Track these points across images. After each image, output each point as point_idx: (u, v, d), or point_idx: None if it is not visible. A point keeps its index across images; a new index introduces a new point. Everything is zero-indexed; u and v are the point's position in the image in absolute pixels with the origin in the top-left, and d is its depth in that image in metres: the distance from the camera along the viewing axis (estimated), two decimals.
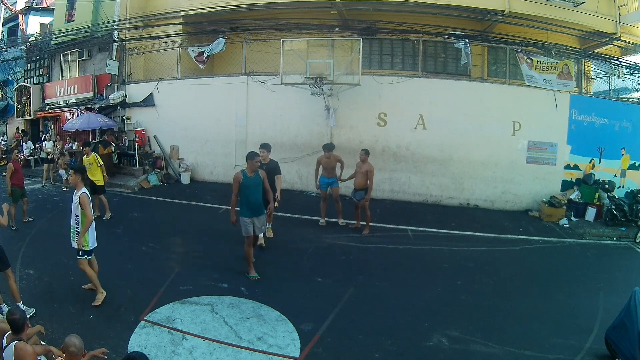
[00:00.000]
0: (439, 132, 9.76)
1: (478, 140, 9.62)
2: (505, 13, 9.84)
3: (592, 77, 11.77)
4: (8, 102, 17.63)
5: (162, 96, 11.85)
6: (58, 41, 14.15)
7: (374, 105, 9.94)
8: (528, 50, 9.69)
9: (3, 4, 17.65)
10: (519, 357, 4.11)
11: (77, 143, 12.70)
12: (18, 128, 16.42)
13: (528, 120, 9.54)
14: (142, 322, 4.42)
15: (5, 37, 17.86)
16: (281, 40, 9.37)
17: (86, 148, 8.37)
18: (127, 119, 12.43)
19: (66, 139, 13.60)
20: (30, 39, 16.57)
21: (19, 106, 16.00)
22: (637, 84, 11.21)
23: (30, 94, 15.52)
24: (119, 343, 4.04)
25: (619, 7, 10.18)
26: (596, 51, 11.20)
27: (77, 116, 12.52)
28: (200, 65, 11.41)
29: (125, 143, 12.26)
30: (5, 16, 17.96)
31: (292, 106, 10.45)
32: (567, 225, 8.70)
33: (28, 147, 13.73)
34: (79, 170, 4.98)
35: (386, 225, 8.00)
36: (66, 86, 14.39)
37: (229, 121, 11.12)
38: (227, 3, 10.90)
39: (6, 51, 16.40)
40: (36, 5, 19.34)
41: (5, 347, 3.00)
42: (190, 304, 4.85)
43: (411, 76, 10.09)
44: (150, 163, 11.77)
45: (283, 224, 8.08)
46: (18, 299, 4.53)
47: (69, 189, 9.78)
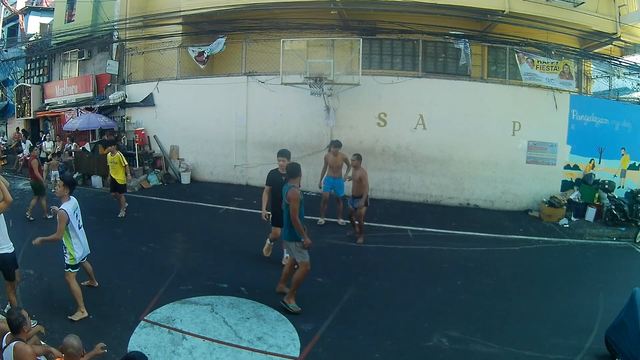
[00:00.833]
0: (439, 132, 9.76)
1: (478, 140, 9.62)
2: (505, 13, 9.84)
3: (592, 77, 11.77)
4: (8, 102, 17.64)
5: (162, 96, 11.85)
6: (58, 41, 14.15)
7: (374, 105, 9.94)
8: (528, 50, 9.68)
9: (3, 4, 17.66)
10: (519, 357, 4.11)
11: (77, 143, 12.72)
12: (18, 128, 16.44)
13: (528, 120, 9.54)
14: (142, 322, 4.41)
15: (5, 37, 17.87)
16: (281, 40, 9.37)
17: (112, 147, 8.55)
18: (127, 119, 12.43)
19: (66, 139, 13.62)
20: (30, 39, 16.59)
21: (19, 106, 16.01)
22: (637, 84, 11.22)
23: (30, 94, 15.54)
24: (119, 343, 4.04)
25: (619, 7, 10.18)
26: (596, 51, 11.20)
27: (77, 116, 12.53)
28: (200, 65, 11.41)
29: (125, 143, 12.25)
30: (5, 16, 17.97)
31: (292, 106, 10.44)
32: (567, 225, 8.70)
33: (27, 147, 13.73)
34: (69, 183, 4.59)
35: (386, 225, 8.00)
36: (66, 86, 14.39)
37: (229, 121, 11.12)
38: (227, 3, 10.90)
39: (6, 51, 16.41)
40: (36, 5, 19.35)
41: (5, 348, 3.00)
42: (190, 304, 4.85)
43: (411, 76, 10.09)
44: (150, 163, 11.77)
45: None
46: None
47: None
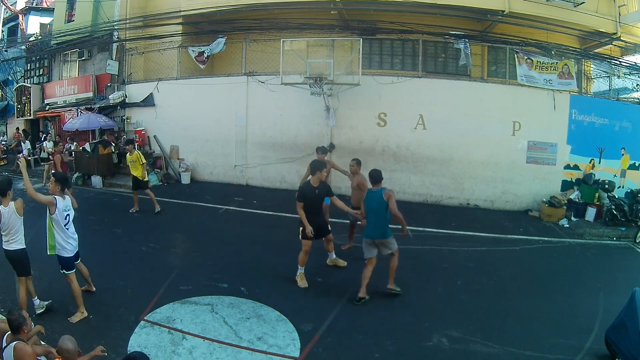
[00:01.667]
0: (439, 132, 9.76)
1: (478, 140, 9.62)
2: (505, 13, 9.84)
3: (592, 77, 11.77)
4: (8, 102, 17.65)
5: (162, 96, 11.85)
6: (58, 41, 14.16)
7: (374, 105, 9.94)
8: (528, 50, 9.69)
9: (3, 4, 17.66)
10: (519, 357, 4.11)
11: (77, 143, 12.72)
12: (18, 128, 16.44)
13: (528, 120, 9.54)
14: (142, 322, 4.42)
15: (5, 37, 17.88)
16: (281, 40, 9.37)
17: (129, 146, 8.62)
18: (127, 119, 12.44)
19: (66, 139, 13.62)
20: (30, 39, 16.59)
21: (19, 106, 16.02)
22: (637, 84, 11.21)
23: (30, 94, 15.54)
24: (119, 343, 4.04)
25: (619, 7, 10.19)
26: (596, 51, 11.21)
27: (77, 116, 12.53)
28: (200, 65, 11.42)
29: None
30: (5, 16, 17.98)
31: (292, 106, 10.44)
32: (567, 225, 8.70)
33: (26, 147, 13.73)
34: (60, 180, 4.58)
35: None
36: (66, 86, 14.40)
37: (229, 121, 11.12)
38: (227, 3, 10.90)
39: (6, 51, 16.41)
40: (36, 5, 19.35)
41: (5, 348, 3.00)
42: (190, 304, 4.85)
43: (411, 76, 10.09)
44: (150, 163, 11.74)
45: (283, 224, 8.09)
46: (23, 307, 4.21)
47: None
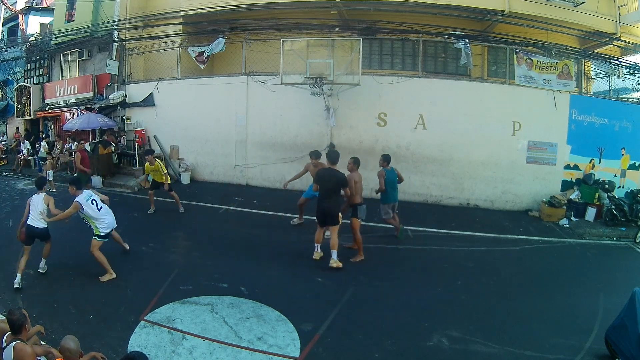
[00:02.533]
0: (439, 132, 9.76)
1: (478, 140, 9.61)
2: (505, 13, 9.84)
3: (592, 77, 11.77)
4: (8, 102, 17.65)
5: (162, 96, 11.84)
6: (58, 41, 14.15)
7: (374, 105, 9.94)
8: (528, 50, 9.68)
9: (3, 4, 17.65)
10: (519, 357, 4.11)
11: (77, 143, 12.71)
12: (18, 128, 16.44)
13: (528, 120, 9.54)
14: (142, 322, 4.42)
15: (5, 37, 17.87)
16: (281, 40, 9.36)
17: (149, 156, 8.50)
18: (127, 119, 12.42)
19: (66, 139, 13.62)
20: (30, 39, 16.58)
21: (19, 106, 16.02)
22: (637, 84, 11.21)
23: (30, 94, 15.54)
24: (119, 343, 4.04)
25: (619, 7, 10.19)
26: (596, 51, 11.20)
27: (77, 116, 12.52)
28: (200, 65, 11.41)
29: (125, 143, 12.26)
30: (5, 16, 17.97)
31: (292, 106, 10.44)
32: (567, 225, 8.70)
33: (26, 147, 13.73)
34: (72, 182, 5.75)
35: (386, 225, 7.98)
36: (66, 86, 14.39)
37: (229, 121, 11.12)
38: (227, 3, 10.89)
39: (6, 51, 16.41)
40: (36, 5, 19.34)
41: (4, 348, 2.99)
42: (190, 304, 4.85)
43: (411, 76, 10.09)
44: None
45: (283, 224, 8.09)
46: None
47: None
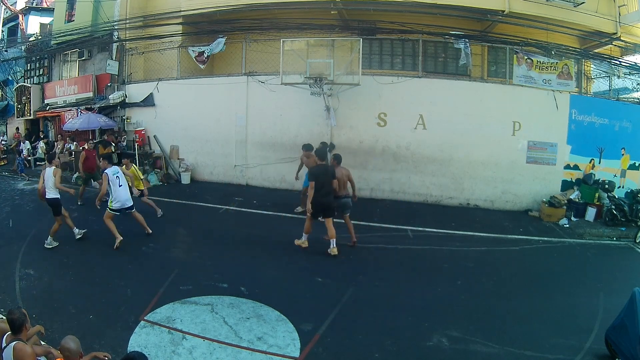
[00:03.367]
0: (439, 132, 9.75)
1: (478, 140, 9.61)
2: (505, 13, 9.83)
3: (592, 77, 11.77)
4: (8, 102, 17.64)
5: (162, 96, 11.84)
6: (58, 41, 14.14)
7: (374, 105, 9.93)
8: (528, 50, 9.68)
9: (3, 4, 17.65)
10: (519, 357, 4.11)
11: (77, 143, 12.72)
12: (18, 128, 16.43)
13: (528, 120, 9.54)
14: (142, 322, 4.42)
15: (5, 37, 17.85)
16: (281, 40, 9.36)
17: (125, 160, 8.32)
18: (127, 119, 12.42)
19: (66, 139, 13.61)
20: (30, 39, 16.57)
21: (19, 106, 16.01)
22: (637, 84, 11.21)
23: (30, 94, 15.53)
24: (119, 343, 4.04)
25: (619, 7, 10.17)
26: (596, 51, 11.19)
27: (77, 116, 12.52)
28: (200, 65, 11.41)
29: (125, 143, 12.25)
30: (5, 16, 17.95)
31: (292, 106, 10.44)
32: (567, 225, 8.70)
33: (26, 147, 13.73)
34: (105, 158, 7.07)
35: (386, 225, 8.00)
36: (66, 86, 14.38)
37: (229, 121, 11.12)
38: (227, 3, 10.89)
39: (6, 51, 16.40)
40: (36, 5, 19.33)
41: (4, 348, 2.99)
42: (190, 304, 4.85)
43: (411, 76, 10.08)
44: (150, 163, 11.76)
45: (283, 224, 8.09)
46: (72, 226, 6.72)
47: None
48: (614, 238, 8.21)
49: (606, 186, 9.03)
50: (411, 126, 9.86)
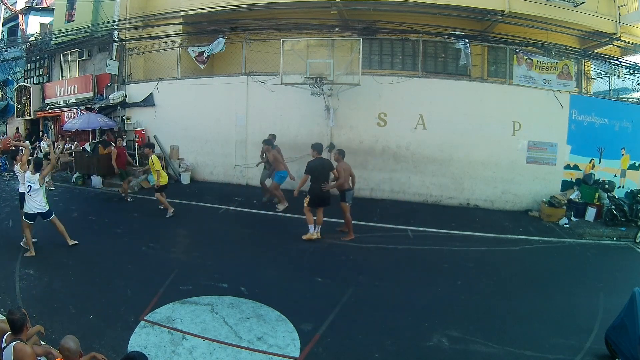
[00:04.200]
0: (439, 132, 9.75)
1: (478, 140, 9.61)
2: (505, 13, 9.83)
3: (592, 77, 11.77)
4: (8, 102, 17.63)
5: (162, 96, 11.84)
6: (58, 41, 14.14)
7: (374, 105, 9.93)
8: (528, 50, 9.68)
9: (3, 4, 17.64)
10: (519, 357, 4.11)
11: (77, 143, 12.71)
12: (18, 128, 16.42)
13: (528, 120, 9.54)
14: (142, 322, 4.41)
15: (5, 37, 17.84)
16: (281, 40, 9.36)
17: (146, 149, 8.91)
18: (127, 119, 12.42)
19: (66, 139, 13.61)
20: (30, 39, 16.56)
21: (19, 106, 16.00)
22: (637, 84, 11.21)
23: (30, 94, 15.52)
24: (119, 343, 4.04)
25: (619, 7, 10.18)
26: (596, 51, 11.19)
27: (77, 116, 12.52)
28: (200, 65, 11.41)
29: (125, 143, 12.24)
30: (5, 16, 17.94)
31: (292, 106, 10.44)
32: (567, 225, 8.70)
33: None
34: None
35: (386, 225, 8.00)
36: (66, 86, 14.39)
37: (229, 121, 11.12)
38: (227, 3, 10.89)
39: (6, 51, 16.38)
40: (36, 5, 19.32)
41: (4, 348, 2.99)
42: (190, 304, 4.85)
43: (411, 76, 10.08)
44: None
45: (283, 224, 8.09)
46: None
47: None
48: (614, 238, 8.21)
49: (606, 186, 9.03)
50: (411, 126, 9.85)
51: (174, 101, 11.67)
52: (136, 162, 11.51)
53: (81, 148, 12.17)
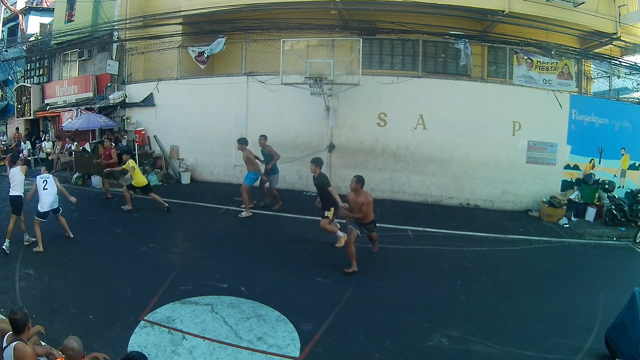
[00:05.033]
0: (439, 132, 9.75)
1: (478, 140, 9.61)
2: (505, 13, 9.84)
3: (592, 77, 11.76)
4: (8, 102, 17.63)
5: (162, 96, 11.84)
6: (58, 41, 14.14)
7: (374, 105, 9.93)
8: (528, 50, 9.68)
9: (3, 4, 17.64)
10: (519, 357, 4.11)
11: (77, 143, 12.72)
12: (18, 128, 16.43)
13: (528, 120, 9.54)
14: (142, 322, 4.42)
15: (5, 37, 17.85)
16: (281, 40, 9.36)
17: (125, 155, 9.00)
18: (127, 119, 12.42)
19: (65, 139, 13.62)
20: (30, 39, 16.56)
21: (19, 106, 16.00)
22: (637, 84, 11.21)
23: (30, 94, 15.52)
24: (119, 343, 4.04)
25: (619, 7, 10.17)
26: (596, 51, 11.19)
27: (77, 116, 12.52)
28: (200, 65, 11.40)
29: (125, 143, 12.25)
30: (5, 16, 17.95)
31: (292, 106, 10.44)
32: (567, 225, 8.70)
33: (26, 147, 13.74)
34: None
35: (386, 225, 7.99)
36: (66, 86, 14.38)
37: (229, 121, 11.12)
38: (227, 3, 10.89)
39: (6, 51, 16.39)
40: (36, 5, 19.33)
41: (5, 348, 2.99)
42: (190, 304, 4.85)
43: (411, 76, 10.08)
44: (150, 163, 11.75)
45: (283, 224, 8.10)
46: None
47: None
48: (614, 238, 8.21)
49: (606, 186, 9.03)
50: (411, 126, 9.86)
51: (174, 101, 11.67)
52: (136, 162, 11.50)
53: (81, 148, 12.18)
